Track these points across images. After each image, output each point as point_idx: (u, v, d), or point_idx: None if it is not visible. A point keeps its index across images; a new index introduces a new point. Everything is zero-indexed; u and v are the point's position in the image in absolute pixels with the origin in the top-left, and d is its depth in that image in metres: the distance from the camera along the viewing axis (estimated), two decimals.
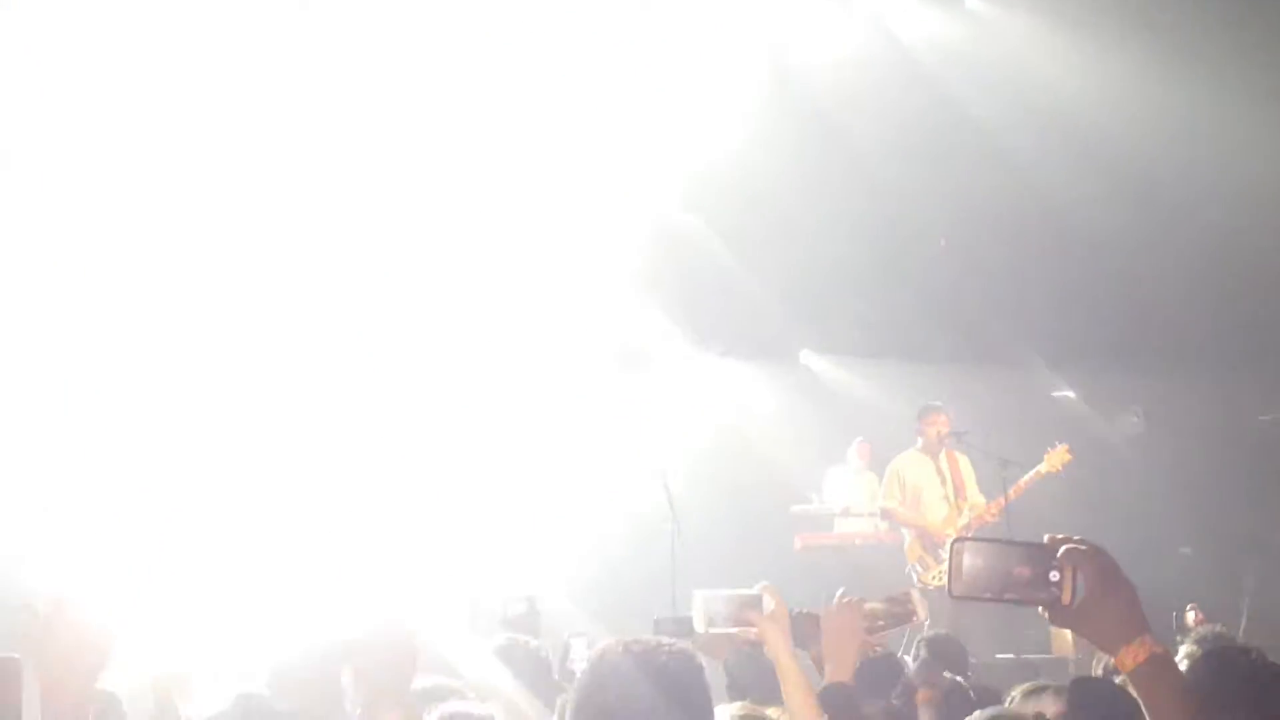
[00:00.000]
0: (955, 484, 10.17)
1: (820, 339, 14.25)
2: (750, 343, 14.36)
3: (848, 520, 11.70)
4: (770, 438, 13.47)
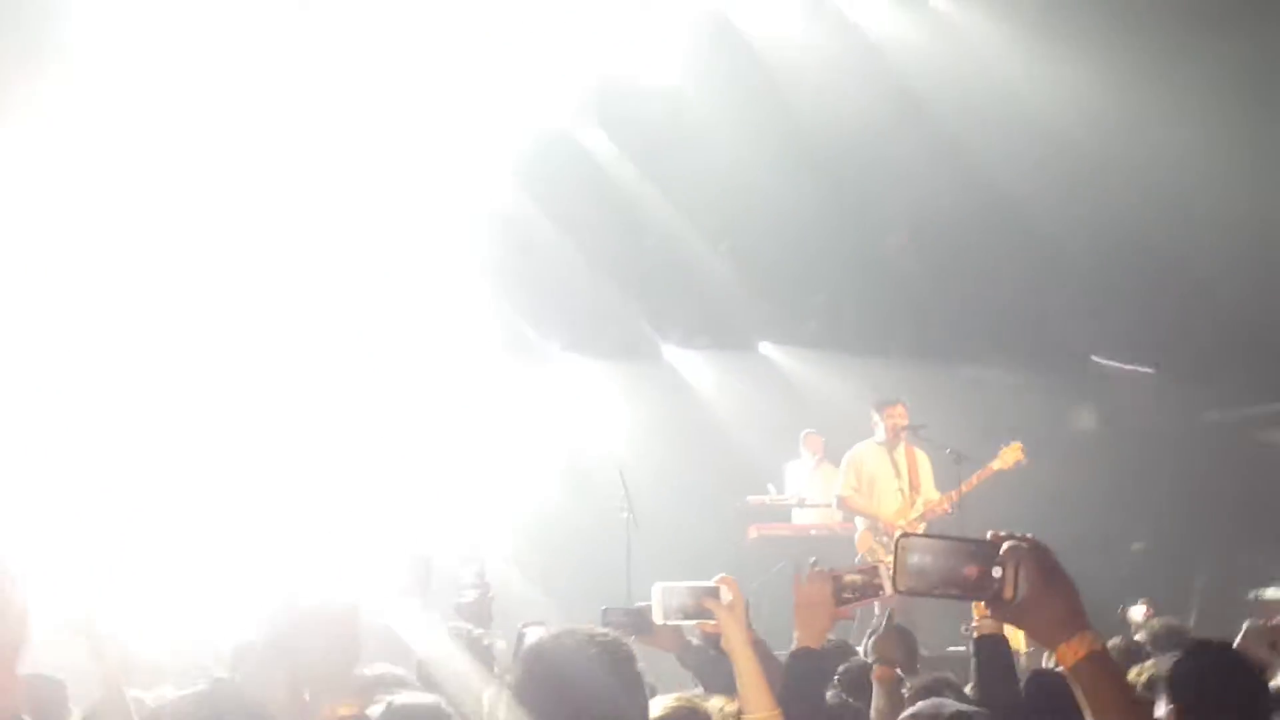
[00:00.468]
0: (910, 477, 10.21)
1: (780, 331, 14.28)
2: (710, 334, 14.39)
3: (804, 511, 11.74)
4: (729, 428, 13.49)
